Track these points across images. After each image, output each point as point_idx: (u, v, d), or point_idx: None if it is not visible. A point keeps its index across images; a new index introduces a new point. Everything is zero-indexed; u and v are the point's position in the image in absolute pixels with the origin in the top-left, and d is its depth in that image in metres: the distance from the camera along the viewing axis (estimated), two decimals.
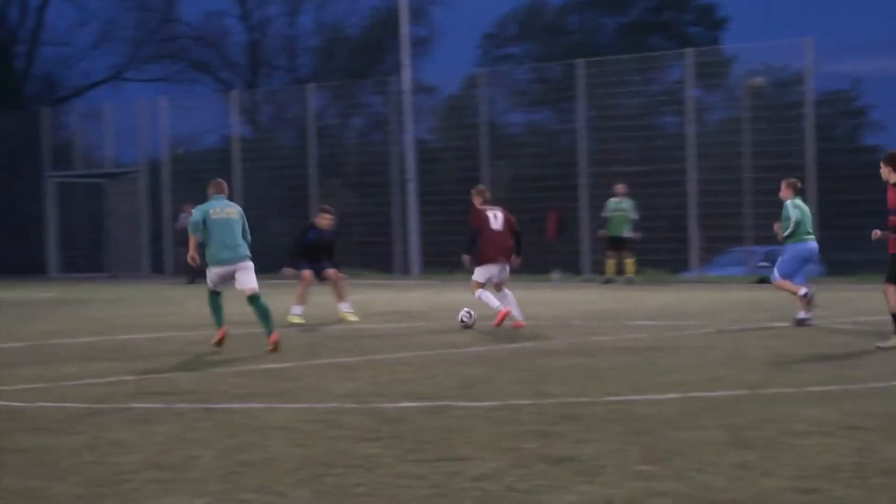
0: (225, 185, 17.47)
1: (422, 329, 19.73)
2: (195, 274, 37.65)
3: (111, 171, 46.47)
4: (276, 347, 16.04)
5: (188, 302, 27.10)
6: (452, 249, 38.51)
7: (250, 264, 16.83)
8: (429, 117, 43.72)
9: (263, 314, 16.43)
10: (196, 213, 16.98)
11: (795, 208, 18.68)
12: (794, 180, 19.26)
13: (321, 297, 22.31)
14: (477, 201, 20.41)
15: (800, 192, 19.33)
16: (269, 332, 16.28)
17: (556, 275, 33.78)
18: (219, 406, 11.20)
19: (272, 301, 17.03)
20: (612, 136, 35.97)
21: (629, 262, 31.61)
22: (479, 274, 19.77)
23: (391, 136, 40.42)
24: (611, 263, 31.92)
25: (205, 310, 17.29)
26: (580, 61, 36.48)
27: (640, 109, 37.65)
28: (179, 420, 10.42)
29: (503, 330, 18.66)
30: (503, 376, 13.22)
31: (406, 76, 38.84)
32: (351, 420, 10.28)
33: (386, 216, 39.24)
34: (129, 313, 24.87)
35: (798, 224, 18.60)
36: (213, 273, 16.84)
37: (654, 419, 10.00)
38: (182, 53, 60.57)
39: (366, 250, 40.30)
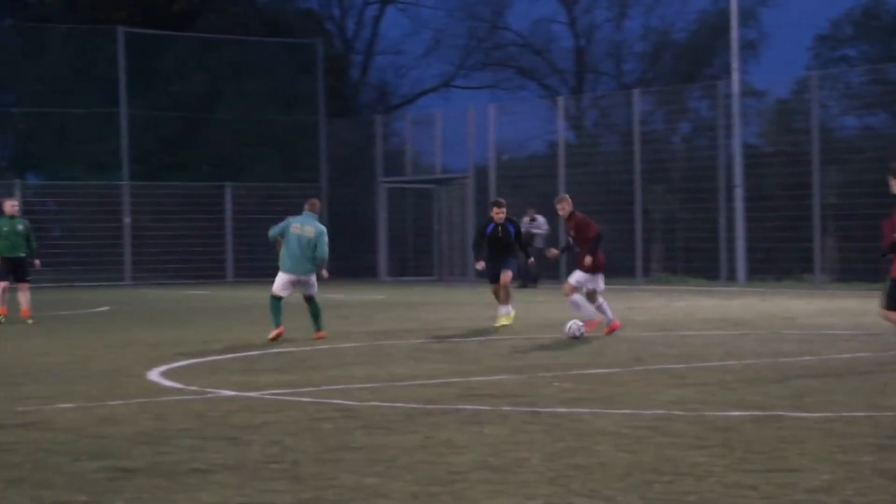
0: (318, 205, 20.65)
1: (748, 337, 19.42)
2: (526, 279, 38.18)
3: (440, 177, 47.21)
4: (320, 337, 19.33)
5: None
6: (780, 256, 37.86)
7: (312, 278, 19.67)
8: (757, 121, 43.00)
9: (315, 314, 19.69)
10: (283, 222, 19.82)
11: None
12: None
13: (647, 302, 22.14)
14: (565, 210, 20.13)
15: None
16: (318, 329, 19.60)
17: None
18: (545, 410, 11.24)
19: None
20: None
21: None
22: (583, 279, 19.62)
23: (718, 140, 39.95)
24: None
25: (530, 314, 17.49)
26: None
27: None
28: (507, 422, 10.51)
29: (833, 340, 18.18)
30: (836, 387, 12.88)
31: (735, 80, 38.36)
32: (679, 427, 10.19)
33: (712, 222, 38.77)
34: (457, 316, 25.28)
35: None
36: (279, 277, 19.54)
37: None
38: (509, 61, 61.13)
39: (690, 256, 39.96)
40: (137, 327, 23.23)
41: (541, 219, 39.66)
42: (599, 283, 19.68)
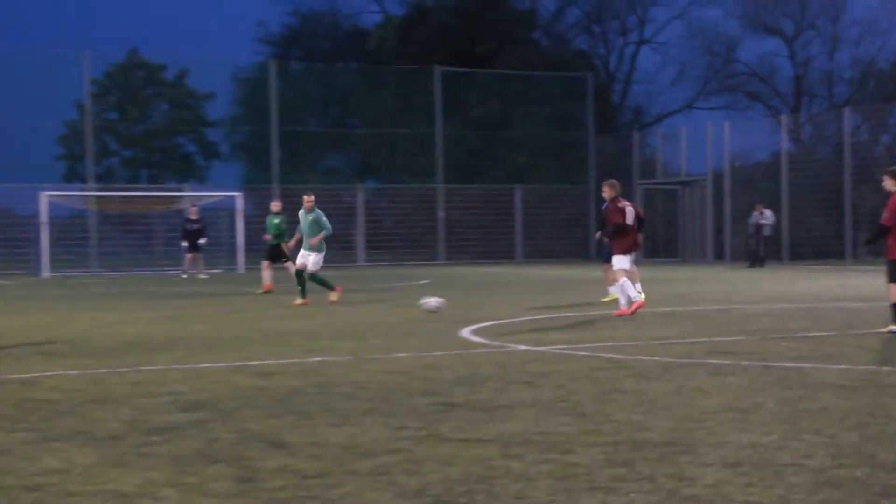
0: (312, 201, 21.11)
1: None
2: (754, 260, 37.33)
3: (684, 180, 46.65)
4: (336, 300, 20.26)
5: (743, 283, 26.75)
6: None
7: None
8: None
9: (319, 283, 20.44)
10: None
11: None
12: None
13: (855, 279, 21.28)
14: (609, 194, 17.57)
15: None
16: (331, 289, 20.45)
17: None
18: (776, 364, 10.94)
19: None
20: None
21: None
22: (623, 262, 17.15)
23: None
24: None
25: (759, 289, 16.99)
26: None
27: None
28: (745, 374, 10.27)
29: None
30: None
31: None
32: (889, 380, 9.78)
33: None
34: (699, 290, 24.84)
35: None
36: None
37: None
38: (740, 87, 60.02)
39: None
40: (451, 296, 23.55)
41: (768, 212, 39.00)
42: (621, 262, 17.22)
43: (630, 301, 16.93)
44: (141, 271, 39.85)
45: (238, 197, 41.04)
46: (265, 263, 25.31)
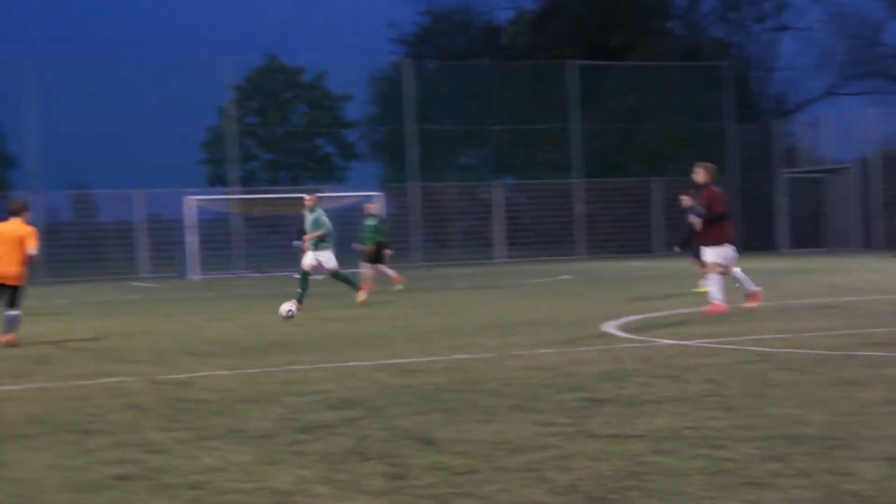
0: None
1: None
2: None
3: (829, 168, 45.60)
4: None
5: (893, 271, 26.01)
6: None
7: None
8: None
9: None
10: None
11: None
12: None
13: None
14: (704, 178, 15.96)
15: None
16: (356, 288, 20.28)
17: None
18: None
19: None
20: None
21: None
22: (721, 255, 15.82)
23: None
24: None
25: None
26: None
27: None
28: None
29: None
30: None
31: None
32: None
33: None
34: (847, 280, 24.21)
35: None
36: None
37: None
38: (885, 71, 58.29)
39: None
40: (591, 290, 23.45)
41: None
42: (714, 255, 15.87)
43: (719, 299, 15.73)
44: (283, 272, 40.56)
45: (377, 196, 41.47)
46: (364, 264, 25.94)
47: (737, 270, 16.41)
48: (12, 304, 14.60)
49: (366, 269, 25.64)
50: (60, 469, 6.58)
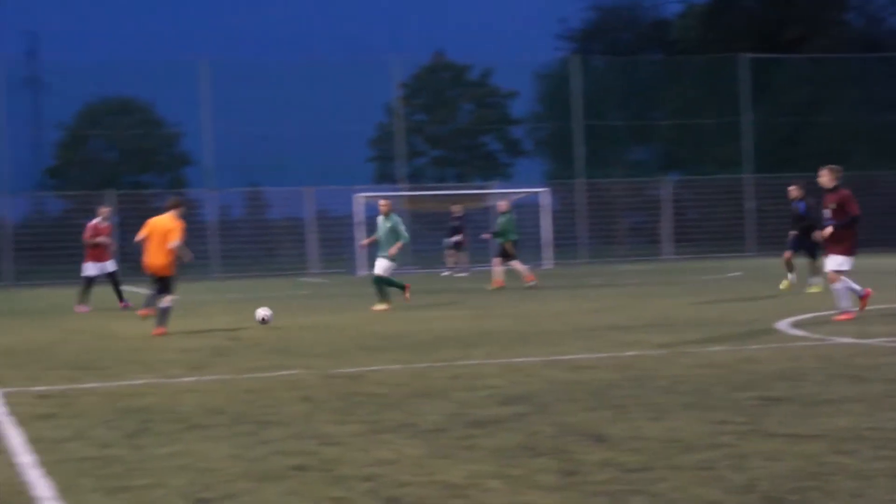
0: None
1: None
2: None
3: None
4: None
5: None
6: None
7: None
8: None
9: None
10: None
11: None
12: None
13: None
14: (831, 181, 14.96)
15: None
16: (385, 299, 19.67)
17: None
18: None
19: None
20: None
21: None
22: (847, 264, 14.72)
23: None
24: None
25: None
26: None
27: None
28: None
29: None
30: None
31: None
32: None
33: None
34: None
35: None
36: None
37: None
38: None
39: None
40: (762, 287, 22.98)
41: None
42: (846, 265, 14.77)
43: (855, 300, 14.95)
44: (451, 268, 40.82)
45: (543, 193, 41.41)
46: (496, 260, 25.98)
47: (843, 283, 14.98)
48: (162, 292, 15.38)
49: (497, 266, 25.96)
50: (240, 459, 6.78)
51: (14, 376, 11.25)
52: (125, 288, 23.19)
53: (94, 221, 22.81)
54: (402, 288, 20.50)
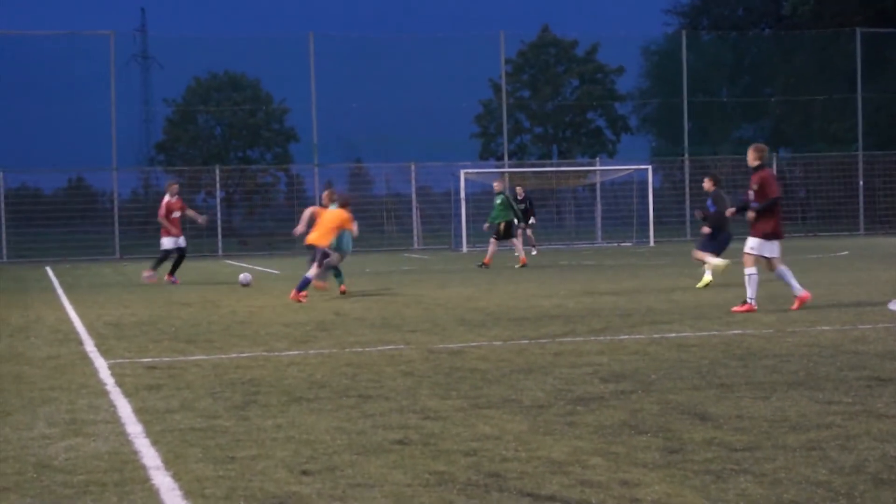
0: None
1: None
2: None
3: None
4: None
5: None
6: None
7: None
8: None
9: None
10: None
11: None
12: None
13: None
14: (756, 159, 14.05)
15: None
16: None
17: None
18: None
19: None
20: None
21: None
22: (765, 248, 13.91)
23: None
24: None
25: None
26: None
27: None
28: None
29: None
30: None
31: None
32: None
33: None
34: None
35: None
36: None
37: None
38: None
39: None
40: (873, 267, 22.51)
41: None
42: (774, 250, 13.98)
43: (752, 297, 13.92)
44: (553, 245, 40.76)
45: (648, 170, 41.03)
46: (492, 241, 26.71)
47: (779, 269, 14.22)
48: (322, 258, 17.49)
49: (493, 247, 26.64)
50: (344, 432, 6.86)
51: (122, 348, 11.51)
52: (230, 262, 23.56)
53: (167, 198, 23.25)
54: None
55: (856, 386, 8.04)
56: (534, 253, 33.24)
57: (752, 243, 13.98)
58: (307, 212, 18.08)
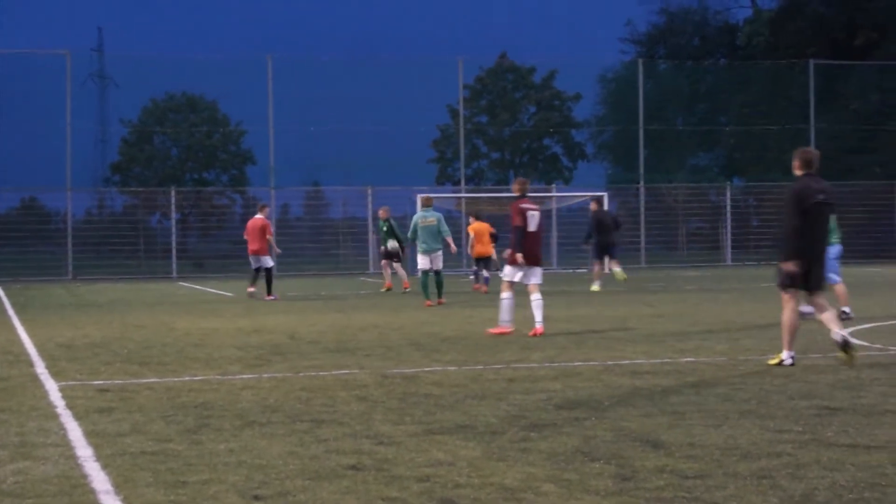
0: (433, 200, 22.94)
1: None
2: None
3: None
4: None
5: None
6: None
7: (440, 253, 21.72)
8: None
9: (440, 284, 21.75)
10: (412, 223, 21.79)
11: None
12: None
13: None
14: (516, 191, 15.19)
15: None
16: (438, 296, 21.58)
17: None
18: None
19: None
20: None
21: None
22: (511, 274, 14.98)
23: None
24: None
25: None
26: None
27: None
28: None
29: None
30: None
31: None
32: None
33: None
34: None
35: None
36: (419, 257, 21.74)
37: None
38: None
39: None
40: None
41: None
42: (531, 277, 14.97)
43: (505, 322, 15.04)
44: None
45: (603, 197, 41.20)
46: (384, 263, 27.71)
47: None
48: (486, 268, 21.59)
49: (387, 269, 27.59)
50: (296, 456, 6.83)
51: (73, 370, 11.42)
52: (185, 284, 23.43)
53: (263, 219, 24.94)
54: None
55: (806, 415, 8.11)
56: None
57: (505, 270, 15.22)
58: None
